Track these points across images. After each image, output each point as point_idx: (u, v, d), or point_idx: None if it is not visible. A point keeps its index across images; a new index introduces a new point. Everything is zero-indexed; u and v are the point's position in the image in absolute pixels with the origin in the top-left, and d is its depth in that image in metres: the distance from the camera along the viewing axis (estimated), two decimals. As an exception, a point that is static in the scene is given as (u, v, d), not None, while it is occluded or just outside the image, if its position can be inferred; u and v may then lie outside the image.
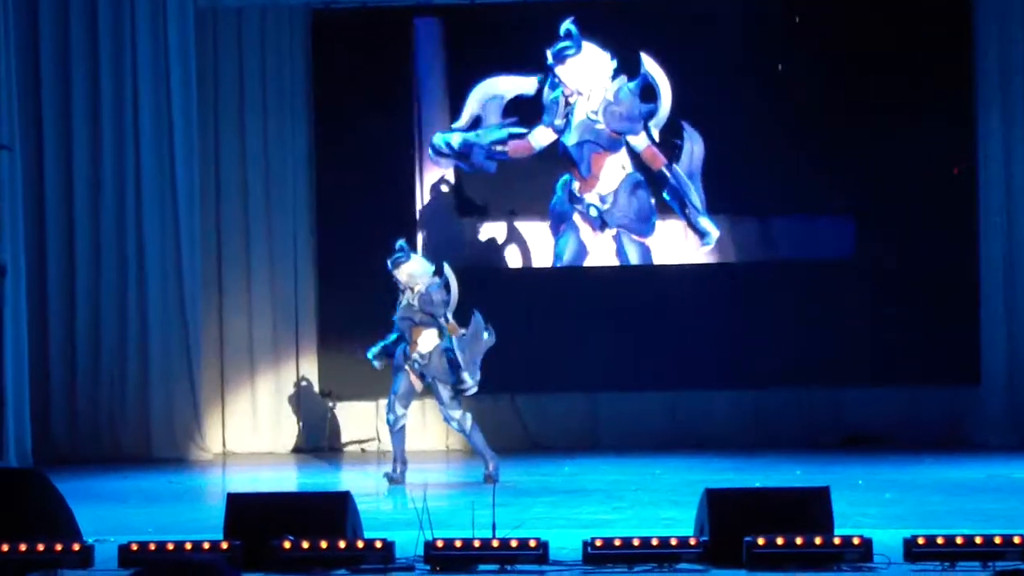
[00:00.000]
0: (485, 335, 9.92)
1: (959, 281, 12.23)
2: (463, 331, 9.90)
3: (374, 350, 10.18)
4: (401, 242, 10.18)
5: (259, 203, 12.58)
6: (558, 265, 11.78)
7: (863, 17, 12.15)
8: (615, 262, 11.96)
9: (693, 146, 11.24)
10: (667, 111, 11.19)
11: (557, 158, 11.77)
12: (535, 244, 12.12)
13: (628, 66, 11.50)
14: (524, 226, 12.21)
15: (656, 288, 12.39)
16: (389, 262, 10.03)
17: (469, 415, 10.08)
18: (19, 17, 11.69)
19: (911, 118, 12.15)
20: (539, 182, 11.93)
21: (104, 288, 12.15)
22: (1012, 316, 12.17)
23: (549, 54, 11.19)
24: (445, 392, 10.00)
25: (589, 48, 11.33)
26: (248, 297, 12.57)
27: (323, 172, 12.57)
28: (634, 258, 11.63)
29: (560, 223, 11.36)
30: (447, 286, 9.91)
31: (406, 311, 9.96)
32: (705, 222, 11.33)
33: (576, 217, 11.40)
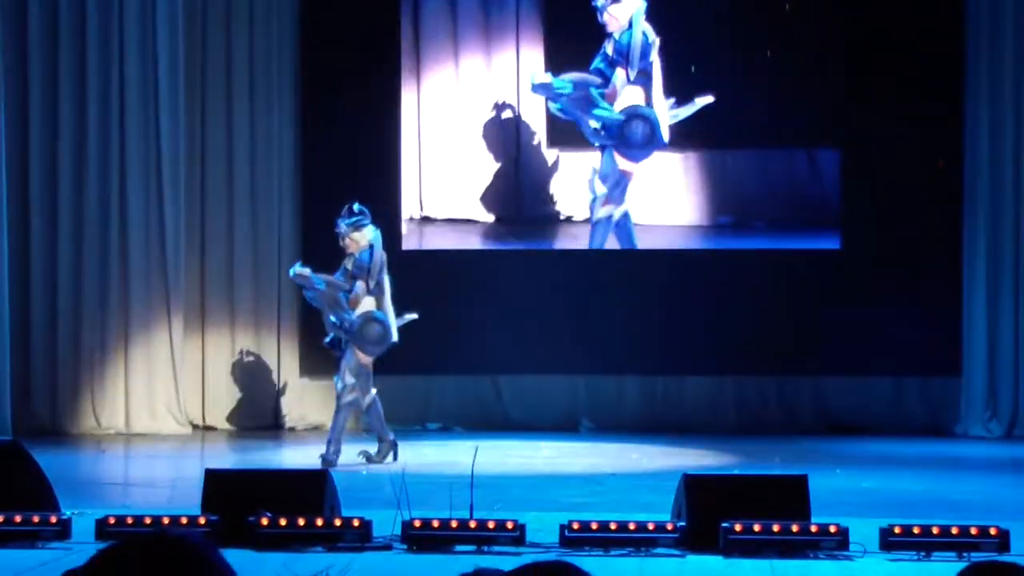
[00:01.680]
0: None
1: (942, 272, 12.26)
2: (369, 307, 9.77)
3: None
4: (359, 205, 10.02)
5: (244, 182, 12.52)
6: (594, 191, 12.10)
7: (858, 13, 12.17)
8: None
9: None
10: (638, 52, 11.73)
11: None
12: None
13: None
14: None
15: (639, 272, 12.42)
16: (346, 224, 9.79)
17: (356, 394, 9.81)
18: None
19: (898, 110, 12.17)
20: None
21: (86, 260, 12.09)
22: (994, 308, 12.20)
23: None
24: (352, 359, 9.81)
25: None
26: (231, 280, 12.50)
27: (309, 138, 12.50)
28: (604, 168, 11.96)
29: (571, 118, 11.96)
30: (372, 251, 9.77)
31: (343, 275, 9.86)
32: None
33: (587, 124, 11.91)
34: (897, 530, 6.52)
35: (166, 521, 6.59)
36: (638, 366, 12.40)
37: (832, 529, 6.54)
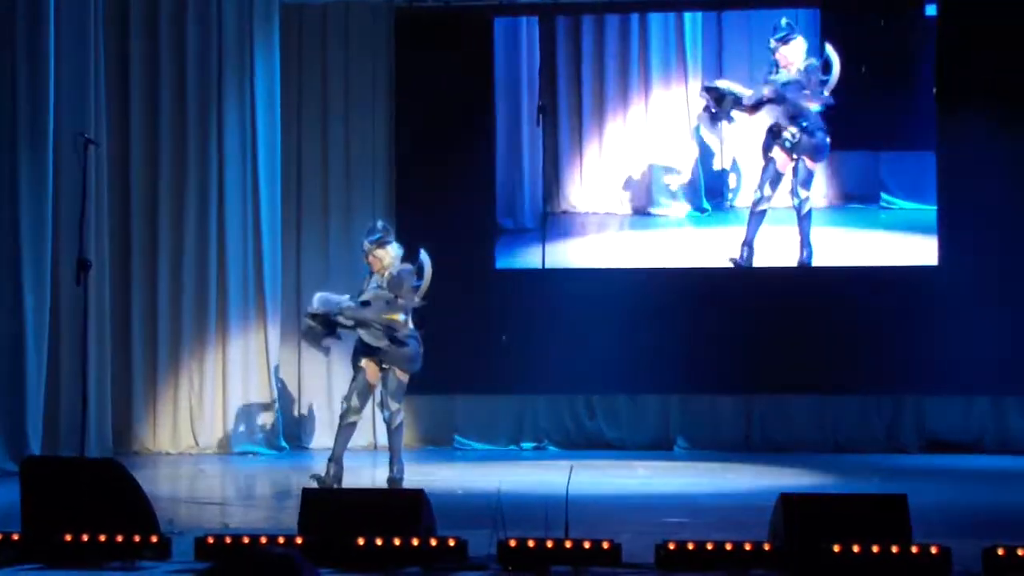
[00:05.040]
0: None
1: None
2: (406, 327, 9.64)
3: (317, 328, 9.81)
4: (383, 222, 10.00)
5: (340, 202, 12.67)
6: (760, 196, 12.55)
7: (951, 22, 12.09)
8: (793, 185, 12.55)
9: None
10: (837, 78, 12.31)
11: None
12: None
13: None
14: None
15: (736, 291, 12.35)
16: (370, 242, 9.69)
17: (402, 413, 9.82)
18: (109, 14, 11.86)
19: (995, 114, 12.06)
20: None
21: (186, 284, 12.29)
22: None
23: (773, 40, 12.50)
24: (394, 382, 9.75)
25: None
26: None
27: (403, 169, 12.64)
28: (802, 174, 12.56)
29: (767, 152, 12.73)
30: (420, 272, 9.60)
31: (375, 292, 9.66)
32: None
33: (776, 149, 12.60)
34: (1001, 552, 6.40)
35: (264, 540, 6.63)
36: (733, 385, 12.32)
37: (933, 550, 6.44)
